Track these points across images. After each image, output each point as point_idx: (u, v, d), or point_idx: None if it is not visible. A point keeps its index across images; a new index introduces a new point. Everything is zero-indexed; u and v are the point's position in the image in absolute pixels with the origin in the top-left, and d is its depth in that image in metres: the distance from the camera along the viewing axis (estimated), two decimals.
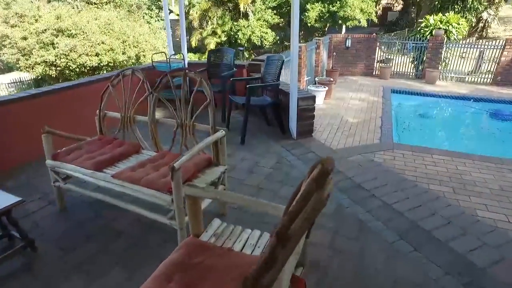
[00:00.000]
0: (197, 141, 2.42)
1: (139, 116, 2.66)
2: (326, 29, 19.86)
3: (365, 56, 11.45)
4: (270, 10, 18.16)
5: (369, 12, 17.71)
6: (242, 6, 17.44)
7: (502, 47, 10.25)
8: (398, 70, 11.96)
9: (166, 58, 5.64)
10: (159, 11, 18.18)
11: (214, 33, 18.61)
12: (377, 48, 11.86)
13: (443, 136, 6.89)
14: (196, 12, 17.81)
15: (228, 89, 4.78)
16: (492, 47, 10.60)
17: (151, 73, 5.69)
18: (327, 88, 7.78)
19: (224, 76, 4.79)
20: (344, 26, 20.02)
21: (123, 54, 15.08)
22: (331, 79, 8.46)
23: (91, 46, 14.17)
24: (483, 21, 18.78)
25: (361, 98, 8.45)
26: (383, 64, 13.31)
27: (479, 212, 2.98)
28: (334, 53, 10.83)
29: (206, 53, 19.45)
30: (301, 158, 3.98)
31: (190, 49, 20.72)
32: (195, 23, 18.33)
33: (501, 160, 4.16)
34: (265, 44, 17.98)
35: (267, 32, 17.93)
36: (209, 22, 18.97)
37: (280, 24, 21.56)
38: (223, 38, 18.52)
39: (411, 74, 11.74)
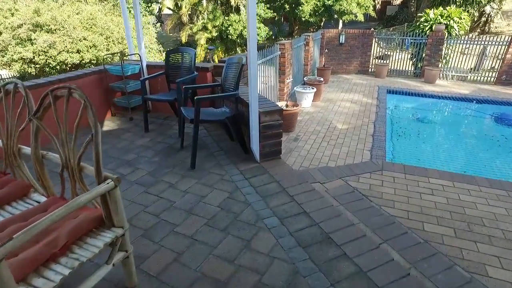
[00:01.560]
0: (87, 188, 1.70)
1: (25, 148, 1.92)
2: (322, 24, 19.06)
3: (360, 53, 10.70)
4: (262, 4, 17.33)
5: (367, 6, 16.88)
6: (233, 0, 16.61)
7: (508, 43, 9.49)
8: (396, 67, 11.23)
9: (122, 60, 4.87)
10: (147, 5, 17.39)
11: (204, 28, 17.80)
12: (375, 43, 11.12)
13: (443, 145, 6.17)
14: (185, 7, 16.99)
15: (181, 99, 3.99)
16: (497, 43, 9.83)
17: (104, 77, 4.98)
18: (315, 89, 7.06)
19: (180, 82, 4.03)
20: (340, 21, 19.20)
21: (107, 51, 14.30)
22: (321, 79, 7.73)
23: (72, 43, 13.39)
24: (486, 15, 17.97)
25: (354, 99, 7.72)
26: (381, 60, 12.58)
27: (491, 270, 2.24)
28: (326, 50, 10.07)
29: (198, 49, 18.67)
30: (259, 190, 3.12)
31: (179, 45, 19.94)
32: (185, 18, 17.53)
33: None
34: (258, 40, 17.18)
35: (259, 27, 17.10)
36: (200, 17, 18.17)
37: (276, 19, 20.74)
38: (214, 34, 17.71)
39: (409, 72, 11.00)
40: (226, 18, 17.30)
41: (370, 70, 10.88)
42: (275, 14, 18.15)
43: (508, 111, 7.61)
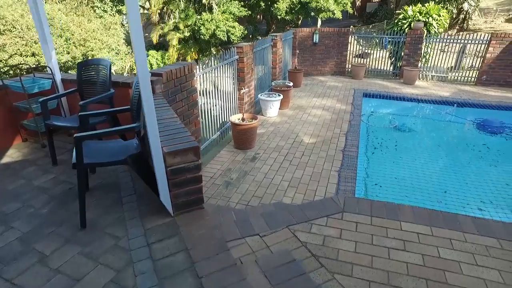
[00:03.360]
0: None
1: None
2: (300, 22, 18.38)
3: (335, 53, 10.02)
4: (236, 2, 16.49)
5: (344, 3, 16.27)
6: None
7: (488, 42, 8.98)
8: (375, 66, 10.63)
9: (20, 74, 3.87)
10: (113, 4, 16.30)
11: (176, 28, 16.85)
12: (353, 42, 10.47)
13: (421, 159, 5.50)
14: (154, 6, 15.99)
15: (82, 127, 2.96)
16: (477, 42, 9.32)
17: (5, 95, 3.91)
18: (281, 96, 6.30)
19: (85, 104, 3.11)
20: (319, 19, 18.56)
21: (67, 53, 13.22)
22: (290, 84, 6.99)
23: (26, 45, 12.27)
24: (464, 13, 17.64)
25: (326, 106, 7.01)
26: (360, 59, 11.97)
27: None
28: (298, 51, 9.34)
29: (170, 50, 17.69)
30: (160, 267, 2.21)
31: (152, 46, 18.90)
32: (155, 17, 16.52)
33: (506, 231, 2.72)
34: (233, 39, 16.35)
35: (234, 26, 16.27)
36: (172, 16, 17.20)
37: (253, 16, 19.94)
38: (187, 34, 16.78)
39: (388, 71, 10.41)
40: (199, 17, 16.40)
41: (346, 71, 10.22)
42: (250, 12, 17.35)
43: (490, 116, 7.04)
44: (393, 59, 10.26)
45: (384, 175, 4.89)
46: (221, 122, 5.34)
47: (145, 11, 20.41)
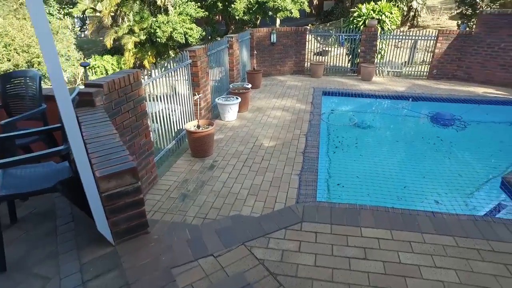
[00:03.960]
0: None
1: None
2: (258, 22, 18.32)
3: (294, 52, 10.00)
4: (193, 3, 16.09)
5: (301, 2, 16.40)
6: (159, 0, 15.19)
7: (435, 38, 9.36)
8: (334, 63, 10.76)
9: None
10: (61, 6, 15.30)
11: (131, 31, 16.15)
12: (311, 40, 10.51)
13: (380, 154, 5.55)
14: (106, 8, 15.20)
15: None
16: (426, 38, 9.71)
17: None
18: (239, 99, 6.13)
19: (7, 124, 2.71)
20: (278, 18, 18.59)
21: (8, 61, 12.22)
22: (248, 86, 6.84)
23: None
24: (414, 10, 18.43)
25: (286, 106, 6.93)
26: (320, 57, 12.09)
27: None
28: (255, 52, 9.21)
29: (126, 55, 16.93)
30: None
31: (107, 51, 18.02)
32: (107, 20, 15.72)
33: (461, 227, 2.72)
34: (191, 41, 15.94)
35: (191, 28, 15.86)
36: (126, 19, 16.47)
37: (211, 17, 19.60)
38: (143, 37, 16.13)
39: (347, 68, 10.57)
40: (154, 19, 15.83)
41: (306, 69, 10.24)
42: (207, 13, 17.02)
43: (442, 109, 7.29)
44: (350, 56, 10.44)
45: (346, 175, 4.86)
46: (176, 130, 5.07)
47: (97, 14, 19.45)
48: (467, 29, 12.15)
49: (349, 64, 10.65)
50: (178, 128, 5.11)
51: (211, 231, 2.82)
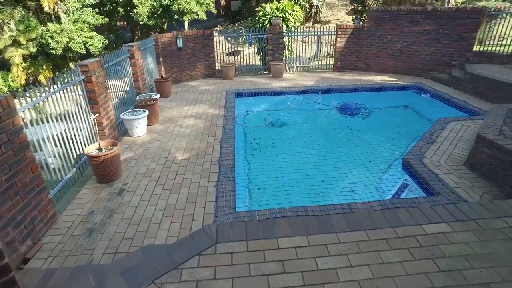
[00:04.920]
0: None
1: None
2: (165, 26, 17.60)
3: (203, 55, 9.76)
4: (90, 9, 14.70)
5: (207, 4, 16.16)
6: (47, 6, 13.51)
7: (335, 32, 10.00)
8: (247, 63, 10.80)
9: None
10: None
11: (16, 42, 14.11)
12: (222, 41, 10.37)
13: (296, 151, 5.66)
14: None
15: None
16: (328, 33, 10.32)
17: None
18: (147, 112, 5.69)
19: None
20: (186, 21, 18.08)
21: None
22: (156, 96, 6.41)
23: None
24: (315, 7, 19.59)
25: (199, 113, 6.67)
26: (231, 57, 12.04)
27: None
28: (161, 59, 8.74)
29: (14, 70, 14.79)
30: None
31: None
32: None
33: (371, 218, 2.80)
34: (94, 51, 14.57)
35: (92, 36, 14.48)
36: (5, 28, 14.32)
37: (113, 24, 18.18)
38: (33, 49, 14.19)
39: (259, 67, 10.70)
40: (44, 28, 14.08)
41: (217, 72, 10.08)
42: (108, 19, 15.73)
43: (349, 100, 7.78)
44: (261, 53, 10.59)
45: (267, 176, 4.81)
46: (76, 155, 4.46)
47: None
48: (361, 23, 13.24)
49: (260, 63, 10.82)
50: (79, 153, 4.51)
51: (117, 273, 2.46)
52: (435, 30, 8.82)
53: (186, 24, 19.14)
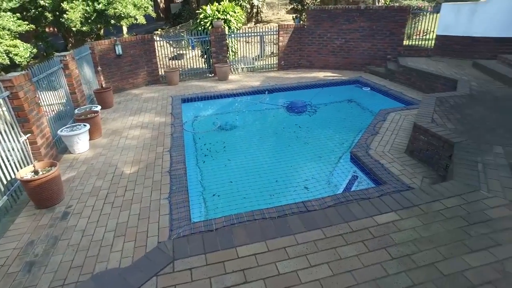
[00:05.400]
0: None
1: None
2: (102, 32, 16.64)
3: (145, 62, 9.38)
4: (9, 14, 13.34)
5: (145, 7, 15.58)
6: None
7: (277, 32, 10.18)
8: (191, 66, 10.57)
9: None
10: None
11: None
12: (164, 46, 10.03)
13: (248, 153, 5.66)
14: None
15: None
16: (269, 33, 10.48)
17: None
18: (88, 125, 5.32)
19: None
20: (124, 26, 17.26)
21: None
22: (97, 107, 6.02)
23: None
24: (256, 7, 19.82)
25: (145, 122, 6.39)
26: (175, 61, 11.73)
27: None
28: (100, 68, 8.25)
29: None
30: None
31: None
32: None
33: (325, 215, 2.88)
34: (20, 61, 13.31)
35: (16, 45, 13.22)
36: None
37: (40, 30, 16.78)
38: None
39: (204, 69, 10.54)
40: None
41: (161, 77, 9.75)
42: (33, 26, 14.45)
43: (295, 98, 7.97)
44: (205, 56, 10.44)
45: (220, 182, 4.74)
46: (7, 181, 4.02)
47: None
48: (301, 22, 13.69)
49: (205, 66, 10.67)
50: (9, 178, 4.07)
51: None
52: (369, 27, 9.38)
53: (125, 29, 18.30)
